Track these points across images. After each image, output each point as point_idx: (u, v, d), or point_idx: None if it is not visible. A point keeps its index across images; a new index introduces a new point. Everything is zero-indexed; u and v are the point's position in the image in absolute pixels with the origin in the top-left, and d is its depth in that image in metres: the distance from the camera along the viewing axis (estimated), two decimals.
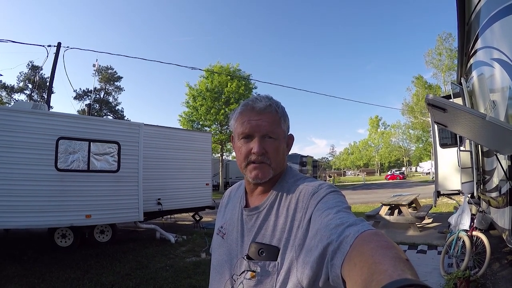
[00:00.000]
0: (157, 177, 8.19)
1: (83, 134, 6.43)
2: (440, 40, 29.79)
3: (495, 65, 3.64)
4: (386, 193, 17.68)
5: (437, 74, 30.93)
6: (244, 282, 0.81)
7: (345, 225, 0.64)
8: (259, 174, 0.87)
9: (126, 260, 5.74)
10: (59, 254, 5.97)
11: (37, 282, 4.46)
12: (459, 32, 5.38)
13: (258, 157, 0.86)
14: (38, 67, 30.54)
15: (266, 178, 0.88)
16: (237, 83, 23.77)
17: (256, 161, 0.87)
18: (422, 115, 33.07)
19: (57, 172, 6.01)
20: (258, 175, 0.87)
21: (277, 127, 0.90)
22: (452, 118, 3.37)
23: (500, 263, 4.54)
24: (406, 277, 0.41)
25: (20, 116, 5.77)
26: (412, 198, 8.69)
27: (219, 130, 24.49)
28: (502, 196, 3.80)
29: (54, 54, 11.54)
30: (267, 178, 0.89)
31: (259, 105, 0.89)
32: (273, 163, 0.88)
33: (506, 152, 3.48)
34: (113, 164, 6.76)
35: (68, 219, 6.09)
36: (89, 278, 4.70)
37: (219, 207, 1.12)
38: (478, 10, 4.30)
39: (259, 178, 0.88)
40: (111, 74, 38.67)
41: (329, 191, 0.82)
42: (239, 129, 0.90)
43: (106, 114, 37.93)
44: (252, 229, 0.88)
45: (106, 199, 6.58)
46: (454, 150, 6.53)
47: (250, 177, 0.89)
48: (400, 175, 45.30)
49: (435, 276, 4.32)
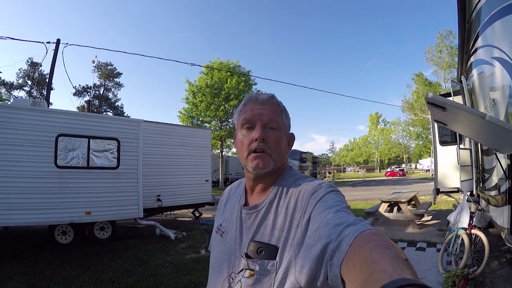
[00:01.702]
0: (156, 173, 8.21)
1: (82, 131, 6.43)
2: (440, 37, 29.71)
3: (495, 63, 3.63)
4: (386, 190, 17.73)
5: (438, 72, 30.90)
6: (242, 280, 0.81)
7: (345, 224, 0.64)
8: (259, 163, 0.88)
9: (126, 256, 5.76)
10: (59, 251, 6.00)
11: (37, 279, 4.48)
12: (460, 30, 5.36)
13: (259, 144, 0.88)
14: (38, 63, 30.45)
15: (267, 168, 0.88)
16: (237, 79, 23.66)
17: (257, 149, 0.88)
18: (422, 112, 33.01)
19: (57, 169, 6.02)
20: (258, 164, 0.88)
21: (279, 118, 0.93)
22: (452, 116, 3.37)
23: (499, 261, 4.56)
24: (406, 276, 0.41)
25: (20, 113, 5.78)
26: (412, 195, 8.70)
27: (219, 126, 24.42)
28: (501, 194, 3.81)
29: (53, 51, 11.51)
30: (268, 168, 0.88)
31: (262, 97, 0.94)
32: (273, 154, 0.89)
33: (506, 151, 3.48)
34: (112, 161, 6.78)
35: (68, 216, 6.11)
36: (89, 274, 4.73)
37: (219, 205, 1.12)
38: (478, 8, 4.27)
39: (259, 167, 0.88)
40: (110, 70, 38.64)
41: (329, 191, 0.81)
42: (242, 118, 0.93)
43: (106, 111, 37.91)
44: (251, 227, 0.88)
45: (106, 195, 6.60)
46: (453, 148, 6.51)
47: (251, 167, 0.89)
48: (400, 172, 45.39)
49: (433, 273, 4.34)
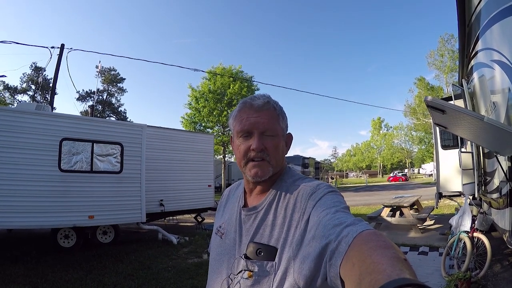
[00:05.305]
0: (159, 178, 8.23)
1: (86, 135, 6.48)
2: (442, 41, 29.84)
3: (495, 66, 3.65)
4: (388, 195, 17.61)
5: (439, 76, 30.98)
6: (241, 281, 0.81)
7: (344, 225, 0.64)
8: (258, 172, 0.86)
9: (128, 260, 5.76)
10: (62, 255, 6.01)
11: (40, 282, 4.50)
12: (460, 34, 5.39)
13: (257, 153, 0.86)
14: (41, 68, 30.83)
15: (265, 176, 0.87)
16: (240, 85, 23.79)
17: (255, 158, 0.86)
18: (424, 117, 32.97)
19: (61, 173, 6.06)
20: (257, 173, 0.86)
21: (276, 124, 0.90)
22: (452, 119, 3.39)
23: (501, 265, 4.53)
24: (405, 276, 0.41)
25: (24, 117, 5.83)
26: (414, 199, 8.65)
27: (222, 132, 24.50)
28: (503, 197, 3.80)
29: (58, 56, 11.64)
30: (267, 176, 0.88)
31: (257, 102, 0.90)
32: (272, 161, 0.88)
33: (506, 153, 3.49)
34: (116, 165, 6.81)
35: (71, 220, 6.13)
36: (92, 278, 4.73)
37: (218, 206, 1.11)
38: (478, 11, 4.31)
39: (258, 176, 0.87)
40: (114, 75, 38.95)
41: (327, 191, 0.81)
42: (238, 127, 0.90)
43: (109, 116, 38.12)
44: (250, 229, 0.88)
45: (109, 200, 6.62)
46: (455, 152, 6.50)
47: (249, 175, 0.88)
48: (403, 177, 45.08)
49: (436, 277, 4.32)
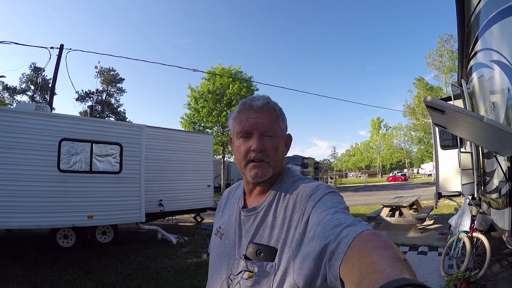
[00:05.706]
0: (158, 178, 8.22)
1: (85, 136, 6.47)
2: (441, 41, 29.85)
3: (494, 67, 3.66)
4: (388, 195, 17.62)
5: (439, 76, 31.00)
6: (241, 282, 0.81)
7: (343, 225, 0.64)
8: (258, 173, 0.87)
9: (127, 260, 5.76)
10: (61, 255, 6.00)
11: (39, 282, 4.49)
12: (459, 34, 5.40)
13: (257, 154, 0.86)
14: (41, 68, 30.73)
15: (265, 176, 0.88)
16: (239, 85, 23.75)
17: (255, 159, 0.87)
18: (423, 117, 33.00)
19: (60, 173, 6.05)
20: (257, 174, 0.87)
21: (276, 125, 0.90)
22: (451, 119, 3.39)
23: (501, 265, 4.54)
24: (404, 276, 0.42)
25: (23, 118, 5.83)
26: (413, 199, 8.65)
27: (221, 132, 24.46)
28: (502, 197, 3.81)
29: (57, 56, 11.62)
30: (267, 176, 0.88)
31: (257, 103, 0.90)
32: (272, 162, 0.88)
33: (506, 153, 3.49)
34: (115, 166, 6.80)
35: (70, 220, 6.13)
36: (91, 278, 4.73)
37: (218, 207, 1.11)
38: (477, 11, 4.31)
39: (258, 176, 0.87)
40: (113, 75, 38.90)
41: (327, 192, 0.81)
42: (238, 128, 0.90)
43: (108, 116, 38.07)
44: (250, 230, 0.88)
45: (108, 200, 6.61)
46: (455, 152, 6.51)
47: (249, 176, 0.88)
48: (402, 177, 45.09)
49: (435, 277, 4.33)
